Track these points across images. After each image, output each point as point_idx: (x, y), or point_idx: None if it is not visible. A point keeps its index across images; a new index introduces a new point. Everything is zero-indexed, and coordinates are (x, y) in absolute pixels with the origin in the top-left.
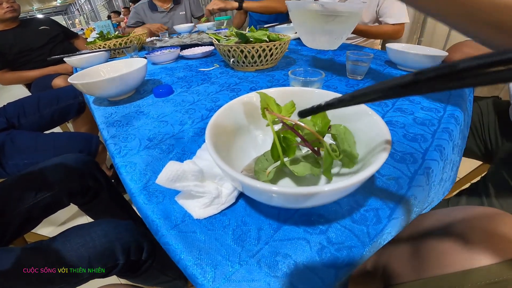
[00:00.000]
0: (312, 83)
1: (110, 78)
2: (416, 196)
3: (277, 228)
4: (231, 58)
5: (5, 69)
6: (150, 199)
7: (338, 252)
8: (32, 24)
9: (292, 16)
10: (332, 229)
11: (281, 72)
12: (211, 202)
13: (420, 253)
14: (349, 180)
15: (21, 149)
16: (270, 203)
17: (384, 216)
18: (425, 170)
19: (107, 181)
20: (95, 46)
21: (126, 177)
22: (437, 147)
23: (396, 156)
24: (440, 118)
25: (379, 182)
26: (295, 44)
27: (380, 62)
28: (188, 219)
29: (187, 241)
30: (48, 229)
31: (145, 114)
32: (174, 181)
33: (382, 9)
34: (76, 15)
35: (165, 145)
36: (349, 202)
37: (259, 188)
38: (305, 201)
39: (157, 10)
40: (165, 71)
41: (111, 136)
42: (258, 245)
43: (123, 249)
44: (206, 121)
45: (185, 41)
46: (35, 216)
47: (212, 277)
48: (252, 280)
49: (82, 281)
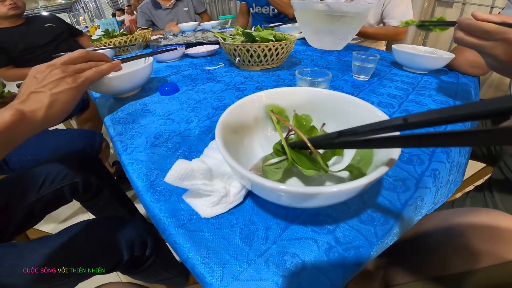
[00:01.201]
0: (319, 83)
1: (116, 76)
2: (423, 198)
3: (285, 227)
4: (236, 57)
5: (10, 65)
6: (158, 197)
7: (345, 252)
8: (37, 22)
9: (298, 16)
10: (339, 229)
11: (286, 71)
12: (219, 201)
13: (422, 253)
14: (358, 182)
15: (24, 145)
16: (279, 202)
17: (392, 217)
18: (432, 172)
19: (109, 178)
20: (100, 44)
21: (133, 174)
22: (444, 149)
23: (403, 157)
24: None
25: (386, 183)
26: (300, 44)
27: (386, 63)
28: (195, 217)
29: (194, 240)
30: (50, 226)
31: (151, 111)
32: (182, 179)
33: (386, 10)
34: (81, 13)
35: (171, 143)
36: (356, 203)
37: (268, 187)
38: (313, 201)
39: (160, 8)
40: (170, 69)
41: (117, 133)
42: (266, 245)
43: (128, 245)
44: (212, 120)
45: (189, 39)
46: (37, 212)
47: (220, 276)
48: (260, 279)
49: (84, 277)
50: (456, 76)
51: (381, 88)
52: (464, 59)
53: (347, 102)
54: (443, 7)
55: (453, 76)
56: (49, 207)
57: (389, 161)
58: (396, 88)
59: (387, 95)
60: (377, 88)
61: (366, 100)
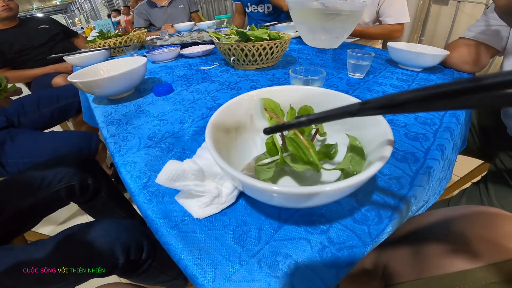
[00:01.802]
0: (313, 81)
1: (110, 77)
2: (416, 196)
3: (278, 227)
4: (231, 57)
5: (5, 67)
6: (150, 198)
7: (339, 252)
8: (32, 23)
9: (293, 14)
10: (333, 229)
11: (281, 70)
12: (211, 201)
13: (420, 253)
14: (351, 180)
15: (21, 148)
16: (271, 203)
17: (386, 216)
18: (427, 170)
19: (107, 179)
20: (95, 45)
21: (126, 176)
22: (438, 147)
23: (397, 155)
24: (441, 117)
25: (380, 181)
26: (295, 42)
27: (381, 60)
28: (188, 218)
29: (187, 241)
30: (48, 228)
31: (145, 112)
32: (174, 180)
33: (382, 8)
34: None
35: (165, 143)
36: (350, 202)
37: (259, 188)
38: (306, 201)
39: (156, 6)
40: (165, 70)
41: (111, 134)
42: (259, 245)
43: (123, 249)
44: (206, 120)
45: (185, 39)
46: (35, 214)
47: (212, 277)
48: (253, 280)
49: (82, 280)
50: (451, 73)
51: (376, 86)
52: (458, 56)
53: (340, 99)
54: (438, 4)
55: (448, 73)
56: (46, 209)
57: (381, 158)
58: (391, 86)
59: (382, 93)
60: (372, 85)
61: (361, 98)
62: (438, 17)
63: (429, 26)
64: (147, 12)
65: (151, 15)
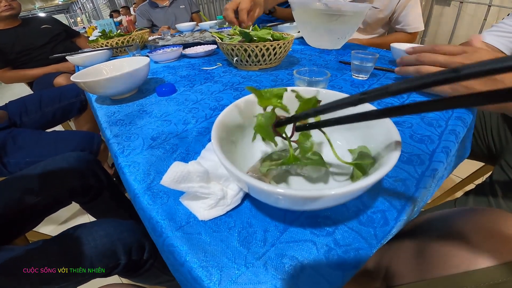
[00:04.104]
0: (317, 83)
1: (113, 77)
2: (422, 197)
3: (283, 230)
4: (234, 57)
5: (7, 67)
6: (155, 200)
7: (345, 254)
8: (34, 23)
9: (296, 15)
10: (339, 231)
11: (284, 71)
12: (216, 203)
13: (424, 253)
14: (358, 184)
15: (23, 148)
16: (276, 205)
17: (392, 218)
18: (432, 172)
19: (109, 179)
20: (97, 45)
21: (129, 177)
22: (444, 149)
23: (403, 157)
24: (447, 119)
25: (386, 183)
26: (297, 43)
27: (385, 61)
28: (193, 220)
29: (192, 243)
30: (50, 228)
31: (148, 113)
32: (179, 182)
33: (400, 17)
34: (78, 14)
35: (168, 144)
36: (356, 204)
37: (265, 190)
38: (312, 204)
39: (157, 7)
40: (168, 70)
41: (114, 135)
42: (264, 247)
43: (125, 249)
44: (210, 121)
45: (187, 39)
46: (36, 214)
47: (218, 279)
48: (259, 282)
49: (83, 281)
50: None
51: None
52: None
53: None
54: (440, 5)
55: None
56: (48, 209)
57: (389, 161)
58: None
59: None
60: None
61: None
62: (440, 17)
63: (432, 27)
64: (148, 13)
65: (153, 15)
